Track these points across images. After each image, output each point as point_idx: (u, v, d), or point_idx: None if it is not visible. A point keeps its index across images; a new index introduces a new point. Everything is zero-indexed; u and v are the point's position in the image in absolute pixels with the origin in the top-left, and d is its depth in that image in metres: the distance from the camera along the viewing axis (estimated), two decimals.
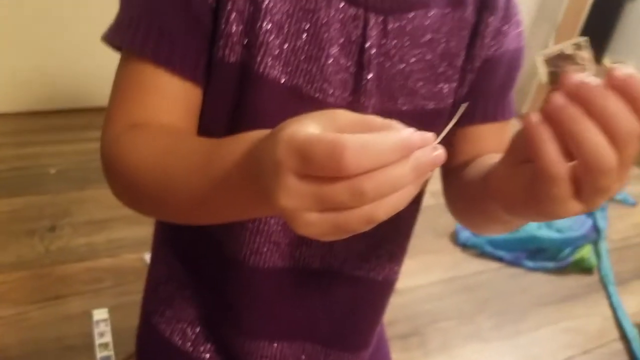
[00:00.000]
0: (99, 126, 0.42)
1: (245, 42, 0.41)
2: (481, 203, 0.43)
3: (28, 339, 0.84)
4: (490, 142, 0.49)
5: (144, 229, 1.08)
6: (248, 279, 0.49)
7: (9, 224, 1.06)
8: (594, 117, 0.27)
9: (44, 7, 1.30)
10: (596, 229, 1.33)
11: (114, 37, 0.41)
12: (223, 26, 0.40)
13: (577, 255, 1.21)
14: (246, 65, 0.41)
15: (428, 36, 0.45)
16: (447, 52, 0.46)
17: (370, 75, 0.44)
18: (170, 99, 0.41)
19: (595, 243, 1.30)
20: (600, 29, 2.68)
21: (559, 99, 0.28)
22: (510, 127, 0.50)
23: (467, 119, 0.48)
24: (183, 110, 0.42)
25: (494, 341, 0.99)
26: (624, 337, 1.06)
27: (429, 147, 0.26)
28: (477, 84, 0.47)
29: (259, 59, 0.41)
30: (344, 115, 0.27)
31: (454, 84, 0.46)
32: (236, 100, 0.43)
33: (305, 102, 0.43)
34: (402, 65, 0.45)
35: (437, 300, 1.06)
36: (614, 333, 1.08)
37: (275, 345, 0.52)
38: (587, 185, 0.28)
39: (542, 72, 0.28)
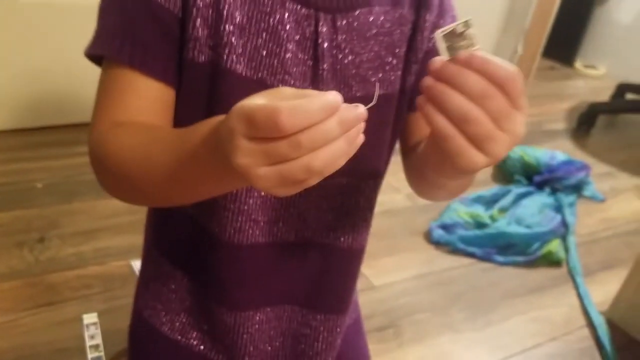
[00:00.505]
0: (84, 141, 0.47)
1: (212, 43, 0.47)
2: (422, 172, 0.51)
3: (22, 343, 0.89)
4: None
5: (129, 238, 1.14)
6: (233, 256, 0.55)
7: (1, 237, 1.10)
8: (453, 86, 0.36)
9: (28, 27, 1.36)
10: (565, 224, 1.40)
11: (94, 49, 0.47)
12: (190, 31, 0.46)
13: (546, 249, 1.28)
14: (214, 63, 0.47)
15: (373, 30, 0.51)
16: (391, 44, 0.52)
17: (325, 67, 0.50)
18: (147, 99, 0.47)
19: (564, 238, 1.37)
20: (570, 33, 2.80)
21: (426, 80, 0.37)
22: None
23: (415, 106, 0.55)
24: (159, 109, 0.48)
25: (466, 332, 1.05)
26: (591, 324, 1.12)
27: (352, 105, 0.32)
28: (421, 74, 0.53)
29: (225, 57, 0.47)
30: (287, 90, 0.34)
31: (399, 72, 0.53)
32: (208, 96, 0.48)
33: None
34: (353, 57, 0.50)
35: (412, 295, 1.12)
36: (581, 321, 1.14)
37: (259, 314, 0.58)
38: (473, 137, 0.36)
39: (442, 48, 0.36)
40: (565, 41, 2.77)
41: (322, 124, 0.31)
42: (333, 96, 0.31)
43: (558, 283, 1.24)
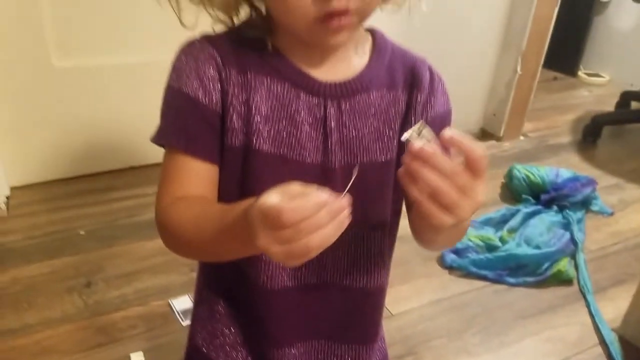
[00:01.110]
0: (118, 187, 0.57)
1: (244, 131, 0.59)
2: (415, 227, 0.62)
3: None
4: None
5: (165, 277, 1.23)
6: (267, 298, 0.66)
7: (50, 284, 1.21)
8: (428, 165, 0.45)
9: (63, 88, 1.47)
10: (574, 242, 1.46)
11: (159, 139, 0.60)
12: (228, 123, 0.58)
13: (555, 268, 1.33)
14: (246, 146, 0.59)
15: (372, 110, 0.61)
16: (387, 120, 0.62)
17: (333, 141, 0.60)
18: (198, 177, 0.59)
19: (574, 255, 1.42)
20: (571, 43, 2.84)
21: (405, 157, 0.46)
22: None
23: None
24: (208, 183, 0.60)
25: (481, 355, 1.11)
26: (603, 342, 1.17)
27: (338, 200, 0.43)
28: None
29: (254, 140, 0.59)
30: (294, 188, 0.44)
31: (395, 142, 0.62)
32: (242, 170, 0.60)
33: (290, 164, 0.60)
34: (356, 132, 0.61)
35: (428, 321, 1.19)
36: (594, 339, 1.18)
37: (293, 349, 0.69)
38: (442, 204, 0.45)
39: (413, 131, 0.47)
40: (567, 51, 2.82)
41: (315, 217, 0.42)
42: (323, 195, 0.43)
43: (569, 301, 1.29)
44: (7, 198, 1.48)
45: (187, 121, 0.58)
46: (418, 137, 0.46)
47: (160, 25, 1.44)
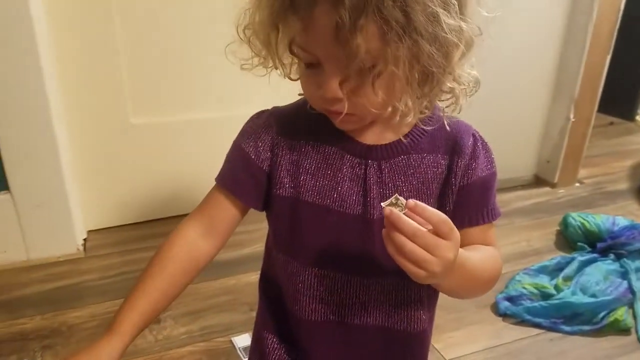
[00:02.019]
0: None
1: (292, 185, 0.70)
2: None
3: None
4: (475, 239, 0.71)
5: (228, 315, 1.33)
6: (312, 333, 0.75)
7: None
8: (395, 229, 0.54)
9: (138, 142, 1.65)
10: (631, 291, 1.45)
11: (216, 178, 0.75)
12: (277, 178, 0.70)
13: (612, 317, 1.33)
14: (294, 197, 0.70)
15: (411, 170, 0.68)
16: (426, 180, 0.68)
17: (373, 195, 0.68)
18: (225, 212, 0.72)
19: (631, 304, 1.41)
20: (627, 87, 2.82)
21: (385, 222, 0.54)
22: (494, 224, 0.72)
23: (456, 224, 0.66)
24: (225, 226, 0.73)
25: None
26: None
27: None
28: (458, 202, 0.69)
29: (301, 193, 0.69)
30: None
31: (432, 199, 0.69)
32: (290, 216, 0.71)
33: (334, 214, 0.69)
34: (395, 188, 0.68)
35: None
36: None
37: None
38: (411, 260, 0.53)
39: (390, 200, 0.55)
40: (623, 96, 2.80)
41: None
42: None
43: (627, 351, 1.28)
44: (85, 240, 1.65)
45: (236, 170, 0.72)
46: (395, 204, 0.55)
47: (224, 86, 1.62)
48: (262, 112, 0.74)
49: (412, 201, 0.53)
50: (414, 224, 0.53)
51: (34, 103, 1.39)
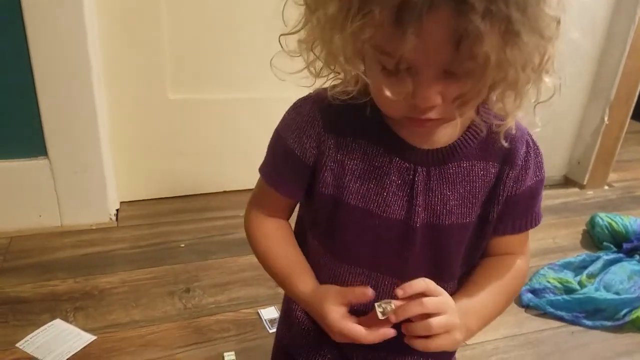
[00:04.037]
0: (212, 208, 0.73)
1: (335, 185, 0.69)
2: None
3: None
4: (511, 246, 0.75)
5: (255, 289, 1.41)
6: None
7: (154, 287, 1.42)
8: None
9: (175, 117, 1.74)
10: None
11: (260, 169, 0.76)
12: (321, 176, 0.69)
13: (634, 315, 1.38)
14: (336, 197, 0.69)
15: (460, 178, 0.67)
16: (473, 189, 0.67)
17: (419, 202, 0.67)
18: (277, 204, 0.76)
19: None
20: None
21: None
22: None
23: (498, 232, 0.73)
24: (283, 210, 0.77)
25: None
26: None
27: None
28: (503, 211, 0.69)
29: (344, 195, 0.68)
30: (340, 295, 0.66)
31: (477, 208, 0.68)
32: (331, 213, 0.70)
33: (375, 219, 0.68)
34: (441, 197, 0.67)
35: (502, 354, 1.27)
36: None
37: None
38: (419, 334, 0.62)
39: (379, 312, 0.62)
40: None
41: (366, 335, 0.64)
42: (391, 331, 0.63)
43: None
44: (117, 211, 1.74)
45: (281, 166, 0.72)
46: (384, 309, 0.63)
47: (262, 67, 1.69)
48: (305, 100, 0.71)
49: (399, 291, 0.62)
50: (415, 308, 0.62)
51: (76, 72, 1.48)
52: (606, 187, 2.18)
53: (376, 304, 0.62)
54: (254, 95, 1.75)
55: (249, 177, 0.79)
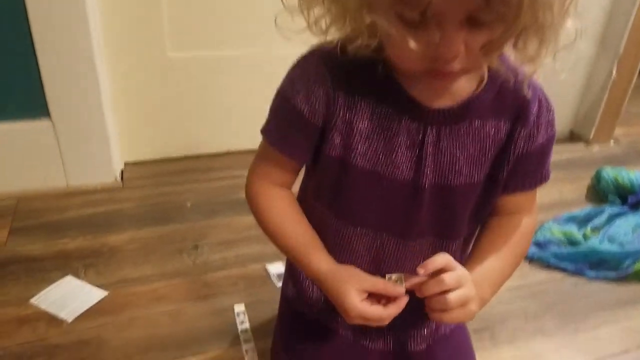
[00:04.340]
0: (217, 168, 0.72)
1: (343, 146, 0.68)
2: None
3: (187, 327, 1.19)
4: (519, 204, 0.76)
5: (262, 246, 1.43)
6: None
7: (162, 245, 1.45)
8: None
9: (175, 77, 1.74)
10: None
11: (263, 131, 0.74)
12: (329, 137, 0.68)
13: (638, 266, 1.40)
14: (343, 159, 0.68)
15: (470, 137, 0.67)
16: (484, 148, 0.67)
17: (427, 163, 0.67)
18: (283, 169, 0.75)
19: None
20: None
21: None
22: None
23: (507, 191, 0.73)
24: (289, 173, 0.76)
25: (556, 336, 1.22)
26: None
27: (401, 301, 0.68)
28: (513, 170, 0.71)
29: (352, 157, 0.67)
30: (367, 283, 0.68)
31: (486, 168, 0.70)
32: (337, 176, 0.72)
33: (383, 180, 0.68)
34: (450, 157, 0.67)
35: (506, 304, 1.31)
36: None
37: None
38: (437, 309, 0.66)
39: (395, 281, 0.68)
40: None
41: (384, 312, 0.67)
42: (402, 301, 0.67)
43: None
44: (122, 172, 1.76)
45: (288, 128, 0.70)
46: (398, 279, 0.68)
47: (263, 22, 1.67)
48: (309, 56, 0.68)
49: (420, 269, 0.65)
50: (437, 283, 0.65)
51: (75, 30, 1.46)
52: (612, 142, 2.18)
53: (388, 276, 0.67)
54: (257, 52, 1.74)
55: (254, 137, 0.75)
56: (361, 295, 0.67)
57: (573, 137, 2.18)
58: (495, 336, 1.21)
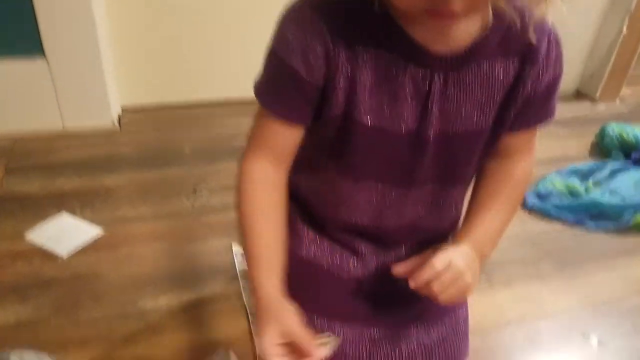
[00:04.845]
0: (216, 116, 0.70)
1: (346, 102, 0.63)
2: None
3: (188, 263, 1.21)
4: (519, 143, 0.74)
5: None
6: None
7: (161, 187, 1.45)
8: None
9: (180, 23, 1.71)
10: None
11: (258, 94, 0.67)
12: (331, 96, 0.63)
13: (638, 218, 1.42)
14: (346, 116, 0.64)
15: (478, 81, 0.63)
16: (491, 91, 0.65)
17: (433, 111, 0.64)
18: (283, 138, 0.67)
19: None
20: None
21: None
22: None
23: (512, 129, 0.71)
24: (290, 144, 0.68)
25: (553, 281, 1.24)
26: None
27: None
28: (520, 110, 0.68)
29: (355, 112, 0.63)
30: (292, 330, 0.63)
31: (493, 112, 0.67)
32: (339, 133, 0.68)
33: (386, 133, 0.65)
34: (457, 104, 0.64)
35: (503, 250, 1.32)
36: None
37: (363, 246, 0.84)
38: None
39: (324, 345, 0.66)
40: None
41: None
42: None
43: None
44: (120, 117, 1.75)
45: (285, 92, 0.64)
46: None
47: None
48: (300, 7, 0.62)
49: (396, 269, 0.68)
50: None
51: None
52: (618, 101, 2.17)
53: (322, 335, 0.67)
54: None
55: (251, 87, 0.69)
56: (280, 337, 0.63)
57: (579, 95, 2.18)
58: (491, 279, 1.23)
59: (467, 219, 0.77)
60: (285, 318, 0.64)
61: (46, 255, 1.19)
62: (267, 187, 0.71)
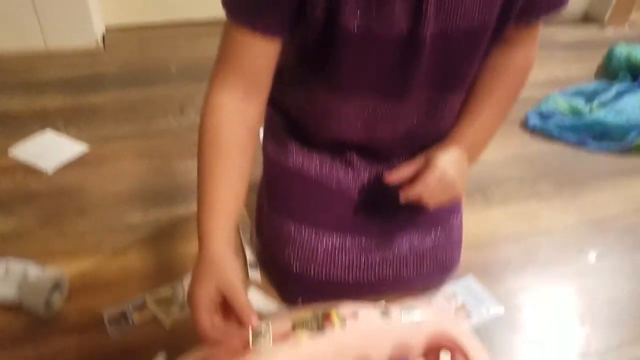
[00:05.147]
0: (204, 35, 0.63)
1: (327, 7, 0.58)
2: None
3: (171, 181, 1.18)
4: (522, 37, 0.71)
5: None
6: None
7: (147, 106, 1.41)
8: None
9: None
10: None
11: (225, 3, 0.61)
12: None
13: None
14: (329, 20, 0.59)
15: None
16: None
17: (428, 9, 0.59)
18: (257, 53, 0.61)
19: None
20: None
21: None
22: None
23: (522, 19, 0.67)
24: (265, 60, 0.61)
25: (552, 199, 1.22)
26: None
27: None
28: (525, 4, 0.65)
29: (339, 16, 0.59)
30: (229, 288, 0.55)
31: (497, 8, 0.63)
32: (322, 44, 0.63)
33: (375, 38, 0.60)
34: (454, 1, 0.60)
35: (502, 169, 1.29)
36: None
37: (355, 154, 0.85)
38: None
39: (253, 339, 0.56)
40: None
41: (213, 330, 0.55)
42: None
43: None
44: (104, 37, 1.68)
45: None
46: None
47: None
48: None
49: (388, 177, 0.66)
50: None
51: None
52: (627, 26, 2.09)
53: (261, 322, 0.56)
54: None
55: None
56: (215, 293, 0.56)
57: (587, 18, 2.10)
58: (488, 197, 1.21)
59: (462, 115, 0.74)
60: (226, 273, 0.57)
61: (31, 171, 1.17)
62: (234, 124, 0.63)
